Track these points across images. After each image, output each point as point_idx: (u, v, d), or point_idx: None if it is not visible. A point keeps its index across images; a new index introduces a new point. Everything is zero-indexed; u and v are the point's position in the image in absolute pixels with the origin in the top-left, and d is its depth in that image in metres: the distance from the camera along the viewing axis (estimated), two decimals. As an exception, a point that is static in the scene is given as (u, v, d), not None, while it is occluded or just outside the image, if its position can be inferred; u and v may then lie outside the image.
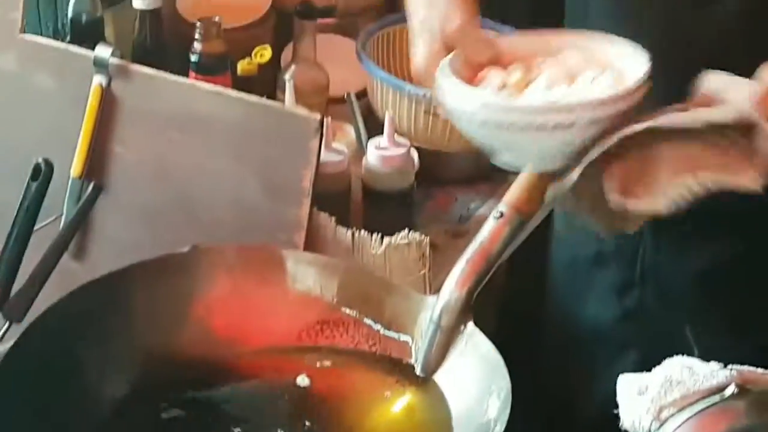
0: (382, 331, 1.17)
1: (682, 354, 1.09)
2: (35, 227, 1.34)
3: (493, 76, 1.12)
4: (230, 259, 1.20)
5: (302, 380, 1.14)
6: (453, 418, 1.09)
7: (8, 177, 1.43)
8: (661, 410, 1.07)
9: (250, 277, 1.19)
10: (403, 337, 1.16)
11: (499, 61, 1.14)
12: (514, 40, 1.18)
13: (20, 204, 1.33)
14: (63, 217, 1.44)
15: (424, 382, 1.12)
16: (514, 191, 1.13)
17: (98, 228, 1.50)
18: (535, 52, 1.13)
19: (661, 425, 1.07)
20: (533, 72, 1.11)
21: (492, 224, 1.13)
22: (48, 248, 1.34)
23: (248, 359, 1.15)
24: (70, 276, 1.32)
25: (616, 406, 1.14)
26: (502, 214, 1.12)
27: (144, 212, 1.50)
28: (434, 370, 1.12)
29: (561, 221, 1.48)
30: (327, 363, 1.16)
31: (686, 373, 1.11)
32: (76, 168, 1.48)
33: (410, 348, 1.15)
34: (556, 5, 1.43)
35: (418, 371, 1.13)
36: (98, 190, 1.42)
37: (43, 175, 1.33)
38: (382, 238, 1.41)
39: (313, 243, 1.40)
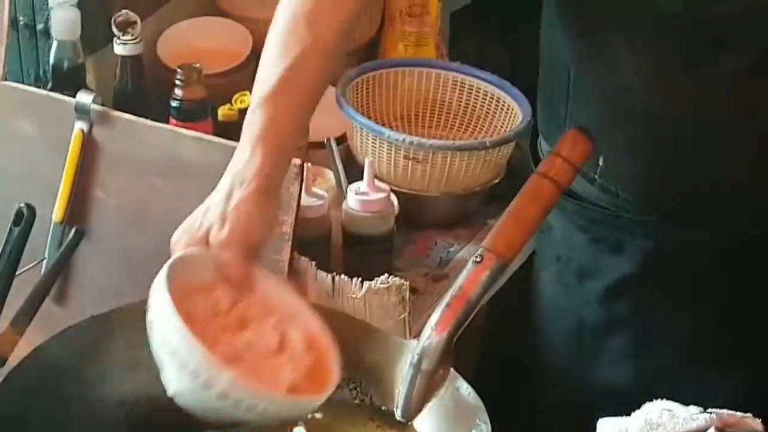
0: (363, 366, 1.17)
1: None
2: (17, 271, 1.34)
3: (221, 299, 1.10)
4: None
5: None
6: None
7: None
8: (641, 453, 1.09)
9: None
10: (383, 383, 1.16)
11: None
12: (270, 287, 1.14)
13: (2, 248, 1.34)
14: (45, 262, 1.44)
15: (404, 427, 1.12)
16: (494, 236, 1.15)
17: (79, 272, 1.51)
18: (277, 309, 1.12)
19: (642, 467, 1.08)
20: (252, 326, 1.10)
21: (471, 268, 1.14)
22: (30, 292, 1.34)
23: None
24: (51, 320, 1.32)
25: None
26: (482, 259, 1.13)
27: (125, 257, 1.50)
28: (414, 415, 1.12)
29: (551, 288, 1.47)
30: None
31: (666, 416, 1.12)
32: (57, 213, 1.49)
33: (390, 393, 1.15)
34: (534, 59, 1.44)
35: (398, 416, 1.13)
36: (80, 235, 1.43)
37: (25, 219, 1.33)
38: (362, 282, 1.42)
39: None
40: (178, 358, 1.01)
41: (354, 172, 1.63)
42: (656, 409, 1.14)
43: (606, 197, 1.35)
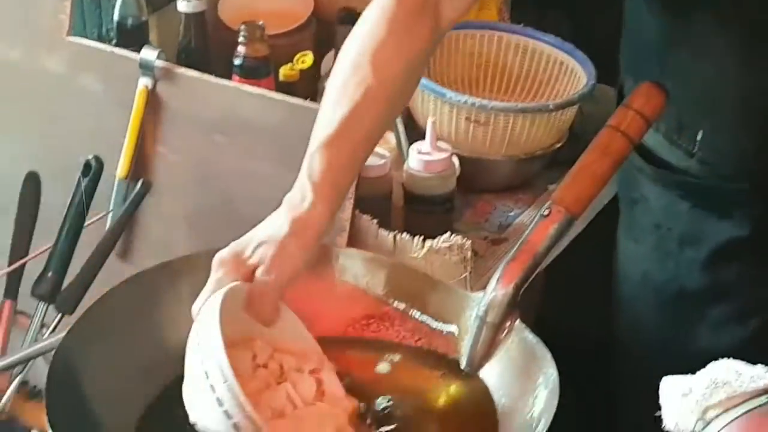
0: (428, 323, 1.17)
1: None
2: (85, 223, 1.35)
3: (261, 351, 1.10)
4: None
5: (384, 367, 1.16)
6: (498, 413, 1.09)
7: (57, 177, 1.44)
8: (706, 411, 1.07)
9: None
10: (449, 332, 1.16)
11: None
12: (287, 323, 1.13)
13: (71, 200, 1.35)
14: (110, 215, 1.45)
15: (469, 377, 1.12)
16: (563, 189, 1.14)
17: (143, 228, 1.52)
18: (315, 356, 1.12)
19: (706, 426, 1.07)
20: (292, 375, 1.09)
21: (539, 221, 1.13)
22: (97, 245, 1.36)
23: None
24: (115, 275, 1.33)
25: (659, 409, 1.14)
26: (549, 212, 1.13)
27: (187, 214, 1.51)
28: (480, 366, 1.12)
29: (646, 259, 1.45)
30: (371, 355, 1.16)
31: (732, 375, 1.10)
32: (122, 169, 1.50)
33: (456, 343, 1.15)
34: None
35: (463, 366, 1.13)
36: (145, 189, 1.44)
37: (93, 171, 1.35)
38: (423, 241, 1.42)
39: (355, 245, 1.41)
40: (215, 396, 0.99)
41: (414, 135, 1.62)
42: (722, 368, 1.12)
43: (706, 169, 1.33)
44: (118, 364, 1.11)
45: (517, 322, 1.12)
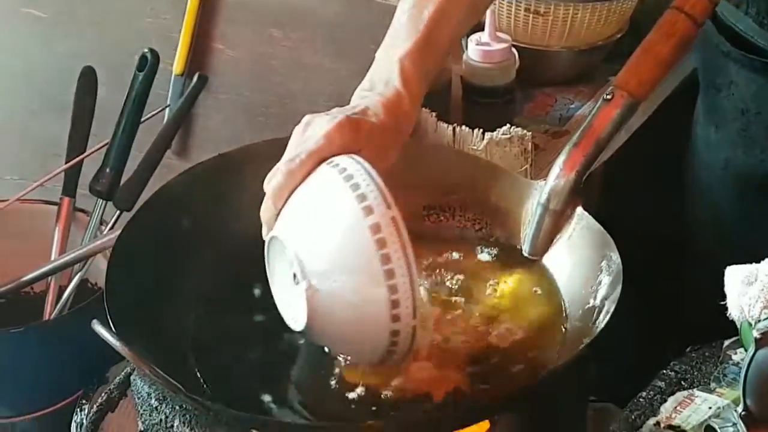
0: (490, 206, 1.16)
1: None
2: (142, 119, 1.35)
3: None
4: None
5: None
6: (564, 299, 1.08)
7: (114, 72, 1.44)
8: (772, 297, 1.06)
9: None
10: (511, 218, 1.14)
11: None
12: None
13: (127, 95, 1.34)
14: (168, 110, 1.45)
15: (532, 265, 1.12)
16: (625, 72, 1.11)
17: (199, 124, 1.52)
18: None
19: (773, 312, 1.06)
20: None
21: (601, 106, 1.11)
22: (154, 140, 1.35)
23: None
24: (173, 172, 1.33)
25: (724, 298, 1.13)
26: (612, 96, 1.10)
27: (244, 109, 1.50)
28: (542, 253, 1.11)
29: (728, 147, 1.40)
30: (431, 245, 1.15)
31: (801, 260, 1.09)
32: (178, 65, 1.49)
33: (517, 233, 1.14)
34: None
35: (525, 254, 1.12)
36: (201, 84, 1.44)
37: (149, 65, 1.34)
38: (483, 133, 1.40)
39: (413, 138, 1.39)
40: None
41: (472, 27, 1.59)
42: (789, 256, 1.11)
43: None
44: (176, 258, 1.10)
45: (579, 209, 1.10)
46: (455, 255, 1.14)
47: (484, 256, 1.15)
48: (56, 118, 1.47)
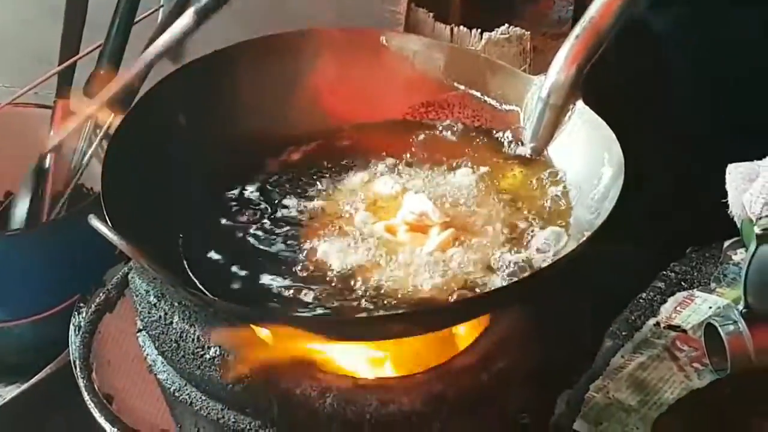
0: (489, 103, 1.15)
1: None
2: (135, 19, 1.33)
3: None
4: (337, 42, 1.17)
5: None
6: (566, 192, 1.08)
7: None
8: (773, 193, 1.06)
9: (357, 58, 1.16)
10: (511, 114, 1.13)
11: None
12: None
13: (120, -5, 1.32)
14: (161, 10, 1.42)
15: (533, 159, 1.11)
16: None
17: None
18: None
19: (774, 209, 1.05)
20: None
21: (604, -2, 1.09)
22: (149, 39, 1.33)
23: (350, 132, 1.15)
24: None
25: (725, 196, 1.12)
26: (613, -14, 1.08)
27: (238, 10, 1.48)
28: (543, 147, 1.11)
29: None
30: (430, 135, 1.15)
31: (801, 157, 1.09)
32: (171, -37, 1.46)
33: (518, 125, 1.13)
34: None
35: (527, 148, 1.12)
36: (195, -17, 1.40)
37: (141, -37, 1.31)
38: (481, 33, 1.38)
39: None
40: None
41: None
42: (791, 153, 1.10)
43: None
44: (170, 157, 1.09)
45: (580, 102, 1.09)
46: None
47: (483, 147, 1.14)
48: (51, 26, 1.44)
